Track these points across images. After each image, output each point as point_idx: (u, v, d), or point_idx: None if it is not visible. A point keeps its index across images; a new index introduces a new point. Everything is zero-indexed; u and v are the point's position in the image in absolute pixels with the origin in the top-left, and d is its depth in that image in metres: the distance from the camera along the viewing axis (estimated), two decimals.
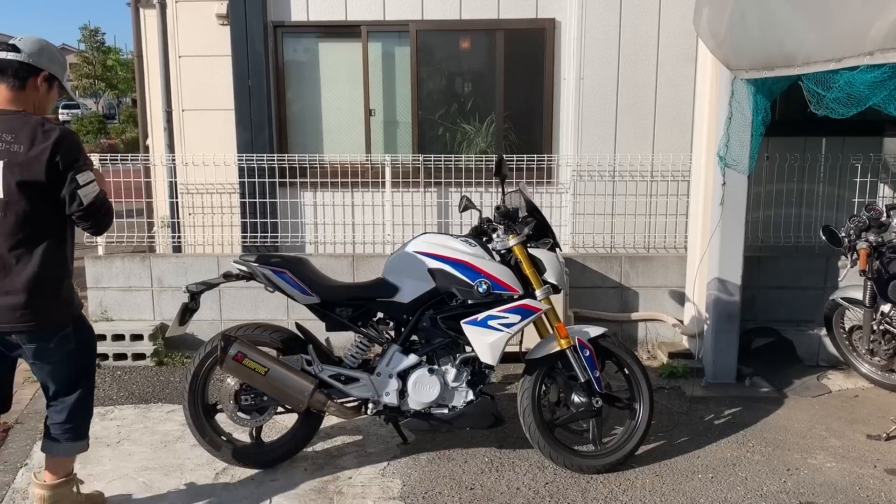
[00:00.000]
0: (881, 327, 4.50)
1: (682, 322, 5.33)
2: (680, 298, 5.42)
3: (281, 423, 3.99)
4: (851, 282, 4.63)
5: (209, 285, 3.70)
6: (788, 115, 5.16)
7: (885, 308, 4.41)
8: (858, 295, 4.57)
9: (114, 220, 3.02)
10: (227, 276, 3.69)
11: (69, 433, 3.09)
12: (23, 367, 5.11)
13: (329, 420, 3.99)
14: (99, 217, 2.90)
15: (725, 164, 4.52)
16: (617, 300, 5.49)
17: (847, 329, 4.87)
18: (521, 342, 4.11)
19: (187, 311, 3.67)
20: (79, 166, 2.79)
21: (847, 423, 4.29)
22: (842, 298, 4.75)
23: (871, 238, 4.31)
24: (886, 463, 3.80)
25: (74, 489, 3.21)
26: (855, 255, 4.35)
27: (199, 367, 3.69)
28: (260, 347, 3.60)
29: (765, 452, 3.93)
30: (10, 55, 2.84)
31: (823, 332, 5.05)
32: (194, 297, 3.66)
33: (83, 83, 38.30)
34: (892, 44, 2.79)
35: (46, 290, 2.86)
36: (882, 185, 5.46)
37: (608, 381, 3.81)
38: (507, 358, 3.69)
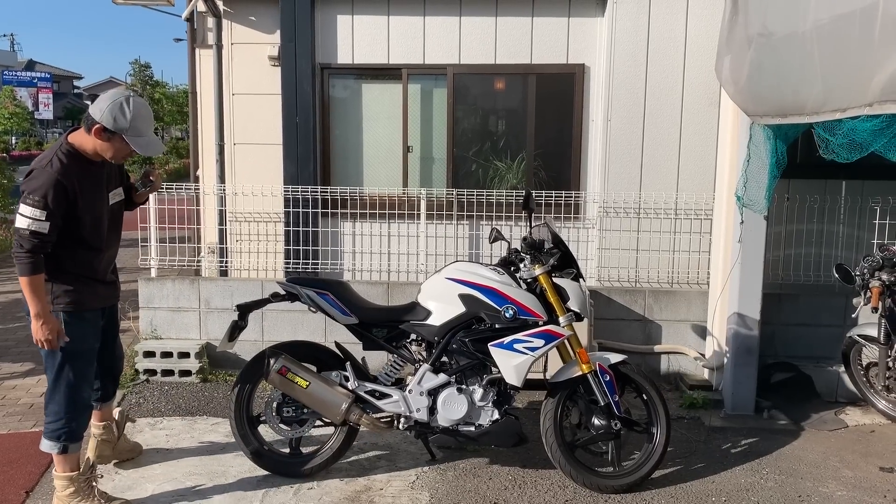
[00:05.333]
0: None
1: (703, 355, 5.51)
2: (702, 332, 5.60)
3: (317, 438, 4.26)
4: (865, 319, 4.79)
5: (258, 304, 4.03)
6: (809, 158, 5.34)
7: None
8: (874, 332, 4.72)
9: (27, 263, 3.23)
10: (275, 297, 4.01)
11: None
12: None
13: (362, 436, 4.26)
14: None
15: (743, 203, 4.75)
16: (640, 332, 5.69)
17: (864, 366, 5.01)
18: (545, 369, 4.36)
19: (236, 329, 4.00)
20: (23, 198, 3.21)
21: (861, 455, 4.42)
22: (858, 335, 4.90)
23: (884, 277, 4.48)
24: None
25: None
26: (868, 294, 4.52)
27: (244, 380, 4.00)
28: (302, 363, 3.90)
29: (778, 480, 4.09)
30: (90, 106, 3.41)
31: (842, 368, 5.18)
32: (243, 315, 3.98)
33: None
34: (889, 96, 3.03)
35: None
36: None
37: (627, 406, 4.02)
38: (532, 385, 3.92)
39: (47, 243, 3.24)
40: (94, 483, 3.59)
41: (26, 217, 3.18)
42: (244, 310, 3.99)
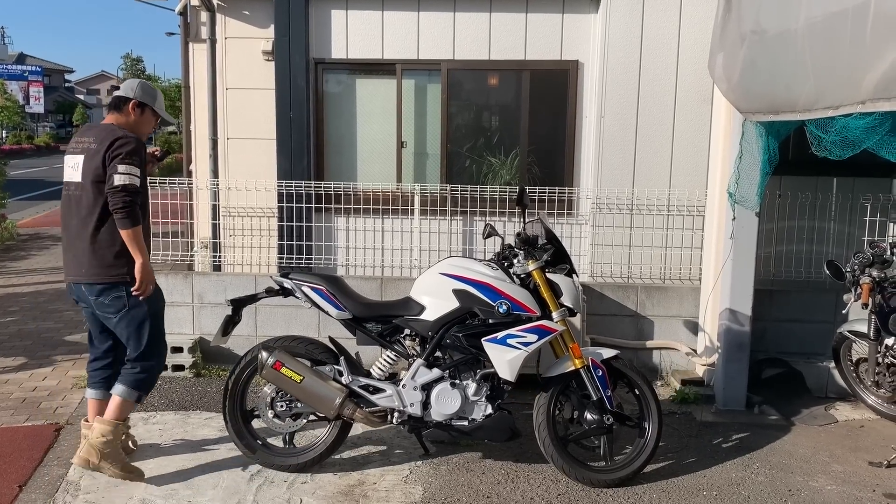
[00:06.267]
0: (885, 360, 4.68)
1: (694, 351, 5.55)
2: (694, 328, 5.64)
3: (312, 432, 4.27)
4: (856, 315, 4.83)
5: (251, 299, 4.03)
6: (801, 155, 5.36)
7: (889, 341, 4.60)
8: (865, 328, 4.75)
9: (136, 223, 3.65)
10: (269, 291, 4.02)
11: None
12: (70, 374, 5.48)
13: (356, 430, 4.27)
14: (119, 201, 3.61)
15: (735, 200, 4.78)
16: (633, 328, 5.72)
17: (854, 361, 5.05)
18: (538, 364, 4.38)
19: (230, 323, 4.01)
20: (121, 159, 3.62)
21: (850, 450, 4.46)
22: (849, 332, 4.94)
23: (875, 273, 4.52)
24: (885, 488, 3.98)
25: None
26: (858, 290, 4.56)
27: (238, 374, 4.01)
28: (296, 358, 3.91)
29: (768, 474, 4.12)
30: (116, 92, 3.96)
31: (832, 364, 5.22)
32: (237, 310, 3.99)
33: None
34: (882, 94, 3.06)
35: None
36: (891, 224, 5.66)
37: (619, 401, 4.04)
38: (525, 381, 3.95)
39: (138, 196, 3.67)
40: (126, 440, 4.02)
41: (124, 174, 3.60)
42: (238, 304, 4.00)
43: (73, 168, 3.73)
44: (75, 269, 3.76)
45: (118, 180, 3.59)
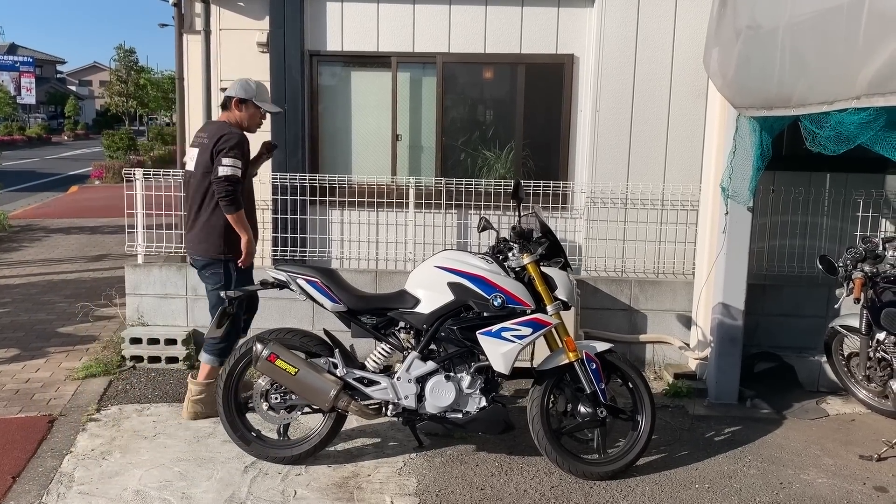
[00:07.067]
0: (877, 354, 4.71)
1: (687, 345, 5.57)
2: (687, 322, 5.66)
3: (306, 424, 4.27)
4: (848, 310, 4.86)
5: (246, 292, 4.03)
6: (795, 150, 5.39)
7: (880, 336, 4.63)
8: (856, 323, 4.79)
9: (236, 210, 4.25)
10: (264, 284, 4.02)
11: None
12: (63, 366, 5.48)
13: (350, 423, 4.28)
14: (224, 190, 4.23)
15: (728, 195, 4.80)
16: (626, 322, 5.75)
17: (846, 356, 5.09)
18: (532, 357, 4.40)
19: (225, 316, 4.01)
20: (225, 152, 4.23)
21: (841, 444, 4.50)
22: (840, 326, 4.98)
23: (867, 268, 4.55)
24: (875, 481, 4.02)
25: None
26: (851, 285, 4.58)
27: (233, 366, 4.01)
28: (290, 350, 3.91)
29: (760, 467, 4.15)
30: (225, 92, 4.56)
31: (824, 358, 5.26)
32: (232, 302, 3.99)
33: (115, 101, 39.29)
34: (877, 90, 3.07)
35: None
36: (883, 219, 5.70)
37: (613, 394, 4.06)
38: (518, 373, 3.96)
39: (239, 185, 4.25)
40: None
41: (227, 166, 4.20)
42: (232, 297, 3.99)
43: (190, 159, 4.43)
44: (189, 246, 4.51)
45: (222, 171, 4.19)
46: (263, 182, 5.93)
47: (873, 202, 5.57)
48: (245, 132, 4.45)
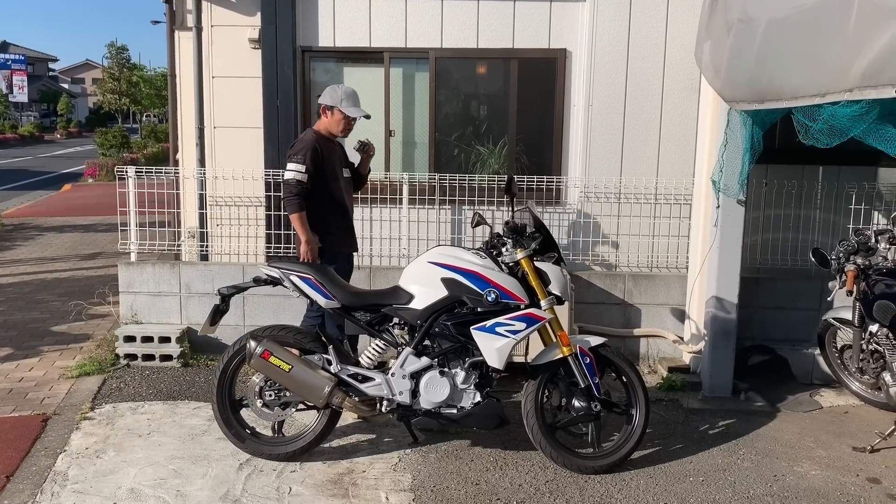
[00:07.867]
0: (869, 347, 4.72)
1: (681, 338, 5.58)
2: (680, 316, 5.67)
3: (301, 421, 4.27)
4: (841, 303, 4.88)
5: (239, 289, 4.03)
6: (788, 143, 5.41)
7: (873, 328, 4.64)
8: (849, 315, 4.80)
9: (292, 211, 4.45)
10: (257, 281, 4.01)
11: None
12: (57, 364, 5.47)
13: (345, 419, 4.28)
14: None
15: (719, 189, 4.81)
16: (620, 316, 5.75)
17: (839, 348, 5.10)
18: (526, 352, 4.40)
19: (218, 313, 4.00)
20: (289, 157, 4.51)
21: (835, 436, 4.52)
22: (834, 319, 4.99)
23: (859, 261, 4.55)
24: (868, 472, 4.03)
25: None
26: (843, 277, 4.60)
27: (227, 364, 4.00)
28: (284, 347, 3.91)
29: (754, 460, 4.17)
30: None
31: (817, 351, 5.27)
32: (225, 299, 3.98)
33: (108, 98, 39.14)
34: (869, 82, 3.08)
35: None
36: (875, 212, 5.71)
37: (607, 388, 4.07)
38: (513, 368, 3.96)
39: (305, 188, 4.43)
40: None
41: (290, 171, 4.43)
42: (226, 294, 3.98)
43: None
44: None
45: (286, 175, 4.46)
46: (256, 179, 5.92)
47: (866, 195, 5.59)
48: (335, 138, 4.65)
